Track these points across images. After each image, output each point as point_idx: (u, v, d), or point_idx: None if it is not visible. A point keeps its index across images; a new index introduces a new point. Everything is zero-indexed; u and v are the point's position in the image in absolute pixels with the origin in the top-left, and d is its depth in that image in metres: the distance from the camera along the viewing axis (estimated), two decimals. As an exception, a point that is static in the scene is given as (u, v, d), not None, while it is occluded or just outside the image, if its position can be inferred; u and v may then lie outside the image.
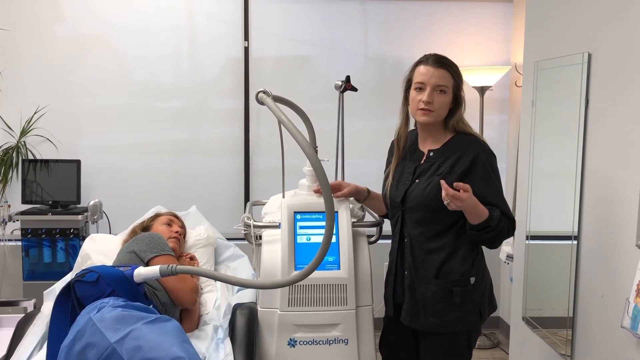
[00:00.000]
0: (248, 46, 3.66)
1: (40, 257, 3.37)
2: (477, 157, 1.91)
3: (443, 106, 1.94)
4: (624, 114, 1.97)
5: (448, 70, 1.93)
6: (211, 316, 2.31)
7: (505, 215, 1.91)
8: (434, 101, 1.91)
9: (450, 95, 1.94)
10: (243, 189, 3.74)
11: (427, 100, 1.91)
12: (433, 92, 1.91)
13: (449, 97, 1.94)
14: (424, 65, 1.94)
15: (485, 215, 1.85)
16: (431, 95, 1.91)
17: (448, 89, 1.93)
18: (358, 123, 3.69)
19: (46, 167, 3.46)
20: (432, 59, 1.94)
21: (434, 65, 1.92)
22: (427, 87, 1.91)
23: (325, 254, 1.73)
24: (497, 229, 1.87)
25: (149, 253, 2.20)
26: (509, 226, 1.92)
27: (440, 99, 1.92)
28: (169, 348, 1.64)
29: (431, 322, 1.96)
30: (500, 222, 1.87)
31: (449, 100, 1.94)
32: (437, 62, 1.93)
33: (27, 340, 2.05)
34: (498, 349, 3.65)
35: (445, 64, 1.93)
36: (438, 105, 1.92)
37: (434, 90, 1.91)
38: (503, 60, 3.77)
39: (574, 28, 2.32)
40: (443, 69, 1.92)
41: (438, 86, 1.91)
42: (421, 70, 1.94)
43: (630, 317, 1.82)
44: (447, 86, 1.92)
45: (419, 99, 1.93)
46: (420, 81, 1.93)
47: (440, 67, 1.92)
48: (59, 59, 3.59)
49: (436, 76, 1.91)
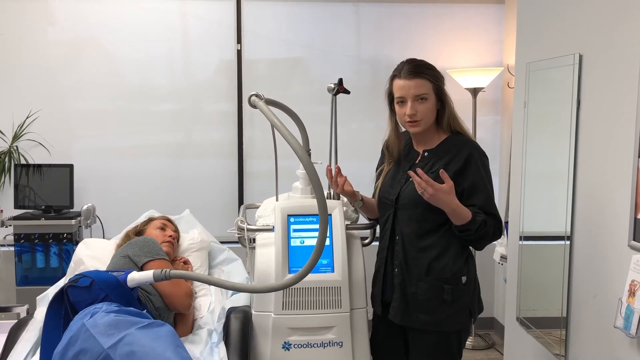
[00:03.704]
0: (241, 49, 3.66)
1: (33, 262, 3.35)
2: (471, 157, 1.93)
3: (428, 113, 1.96)
4: (615, 114, 1.98)
5: (423, 78, 1.93)
6: (205, 320, 2.30)
7: (493, 218, 1.93)
8: (417, 111, 1.94)
9: (433, 100, 1.96)
10: (237, 192, 3.74)
11: (411, 112, 1.93)
12: (414, 103, 1.93)
13: (432, 102, 1.95)
14: (398, 79, 1.96)
15: (468, 217, 1.87)
16: (413, 107, 1.93)
17: (429, 95, 1.94)
18: (351, 125, 3.70)
19: (39, 172, 3.44)
20: (405, 71, 1.94)
21: (409, 76, 1.93)
22: (408, 100, 1.94)
23: (319, 256, 1.73)
24: (477, 233, 1.89)
25: (143, 257, 2.20)
26: (495, 228, 1.94)
27: (424, 107, 1.94)
28: (163, 353, 1.64)
29: (422, 320, 1.97)
30: (481, 228, 1.88)
31: (432, 106, 1.96)
32: (411, 73, 1.93)
33: (20, 347, 2.04)
34: (493, 350, 3.66)
35: (419, 72, 1.94)
36: (422, 115, 1.95)
37: (415, 101, 1.93)
38: (495, 61, 3.79)
39: (565, 30, 2.33)
40: (418, 79, 1.93)
41: (417, 96, 1.93)
42: (399, 85, 1.96)
43: (623, 317, 1.83)
44: (427, 93, 1.94)
45: (403, 113, 1.96)
46: (399, 96, 1.96)
47: (415, 77, 1.92)
48: (52, 63, 3.58)
49: (413, 87, 1.92)
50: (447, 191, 1.84)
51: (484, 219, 1.89)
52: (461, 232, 1.90)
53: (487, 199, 1.93)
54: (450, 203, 1.85)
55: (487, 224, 1.90)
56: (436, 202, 1.85)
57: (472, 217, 1.87)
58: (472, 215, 1.88)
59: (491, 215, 1.93)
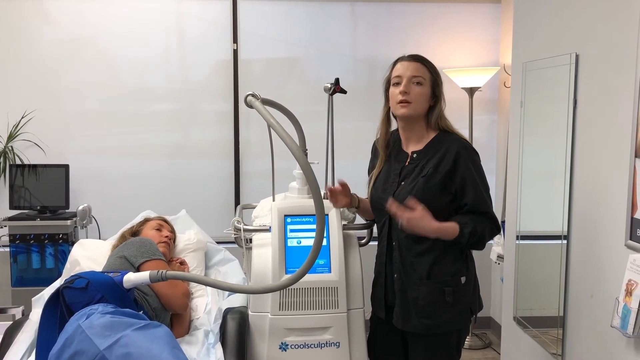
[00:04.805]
0: (237, 48, 3.65)
1: (28, 263, 3.34)
2: (459, 156, 1.91)
3: (420, 97, 1.95)
4: (612, 113, 1.99)
5: (423, 64, 1.97)
6: (202, 321, 2.30)
7: (485, 216, 1.92)
8: (410, 92, 1.94)
9: (428, 88, 1.96)
10: (233, 192, 3.73)
11: (404, 90, 1.94)
12: (409, 83, 1.95)
13: (427, 89, 1.96)
14: (400, 62, 2.00)
15: (455, 233, 1.88)
16: (407, 86, 1.94)
17: (425, 81, 1.95)
18: (348, 125, 3.69)
19: (34, 172, 3.43)
20: (407, 56, 2.00)
21: (409, 59, 1.98)
22: (404, 79, 1.95)
23: (316, 257, 1.73)
24: (469, 244, 1.91)
25: (139, 258, 2.19)
26: (491, 228, 1.94)
27: (417, 90, 1.95)
28: (159, 354, 1.63)
29: (424, 324, 1.96)
30: (472, 237, 1.89)
31: (426, 92, 1.96)
32: (412, 57, 1.99)
33: (16, 348, 2.03)
34: (490, 349, 3.66)
35: (421, 59, 1.99)
36: (415, 97, 1.94)
37: (410, 82, 1.95)
38: (492, 61, 3.79)
39: (562, 29, 2.33)
40: (418, 62, 1.97)
41: (414, 77, 1.94)
42: (398, 66, 1.99)
43: (620, 317, 1.83)
44: (424, 78, 1.95)
45: (396, 93, 1.96)
46: (397, 75, 1.98)
47: (415, 61, 1.97)
48: (47, 62, 3.56)
49: (411, 68, 1.95)
50: (420, 217, 1.84)
51: (472, 229, 1.88)
52: (454, 244, 1.92)
53: (478, 197, 1.92)
54: (428, 227, 1.85)
55: (478, 230, 1.89)
56: (416, 230, 1.86)
57: (460, 231, 1.88)
58: (460, 228, 1.88)
59: (484, 214, 1.92)
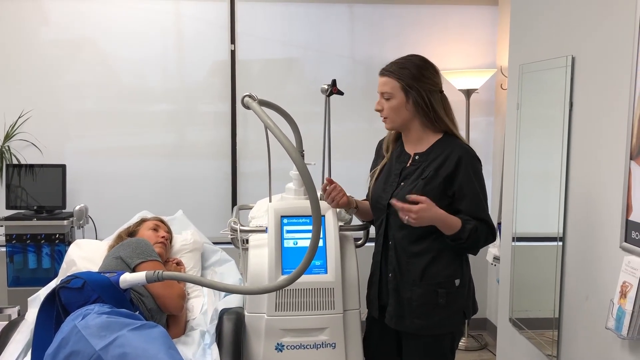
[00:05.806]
0: (234, 49, 3.65)
1: (25, 263, 3.33)
2: (460, 161, 1.91)
3: (392, 112, 1.98)
4: (607, 116, 1.99)
5: (389, 77, 1.97)
6: (198, 321, 2.30)
7: (484, 223, 1.93)
8: (383, 108, 2.00)
9: (400, 97, 1.95)
10: (230, 192, 3.73)
11: (376, 108, 2.01)
12: (381, 99, 2.00)
13: (397, 100, 1.96)
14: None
15: (458, 226, 1.88)
16: (380, 103, 2.01)
17: (393, 94, 1.96)
18: (345, 126, 3.69)
19: (31, 172, 3.42)
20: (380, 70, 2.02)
21: (380, 74, 2.01)
22: (379, 96, 2.01)
23: (313, 258, 1.73)
24: (468, 241, 1.89)
25: (135, 259, 2.19)
26: (487, 234, 1.94)
27: (387, 105, 1.98)
28: (155, 355, 1.63)
29: (417, 325, 1.96)
30: (472, 235, 1.88)
31: (397, 104, 1.96)
32: (381, 72, 2.01)
33: (11, 348, 2.03)
34: (485, 351, 3.66)
35: (387, 70, 1.99)
36: (387, 112, 1.99)
37: (382, 98, 2.00)
38: (489, 63, 3.80)
39: (558, 32, 2.34)
40: (384, 77, 1.99)
41: (382, 94, 1.99)
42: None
43: (615, 318, 1.84)
44: (391, 92, 1.97)
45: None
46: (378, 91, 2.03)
47: (382, 75, 2.00)
48: (45, 62, 3.55)
49: (380, 84, 2.00)
50: (427, 207, 1.83)
51: (474, 226, 1.89)
52: (453, 241, 1.90)
53: (475, 204, 1.92)
54: (435, 215, 1.85)
55: (478, 230, 1.90)
56: (423, 222, 1.85)
57: (462, 226, 1.88)
58: (462, 223, 1.88)
59: (481, 221, 1.92)
